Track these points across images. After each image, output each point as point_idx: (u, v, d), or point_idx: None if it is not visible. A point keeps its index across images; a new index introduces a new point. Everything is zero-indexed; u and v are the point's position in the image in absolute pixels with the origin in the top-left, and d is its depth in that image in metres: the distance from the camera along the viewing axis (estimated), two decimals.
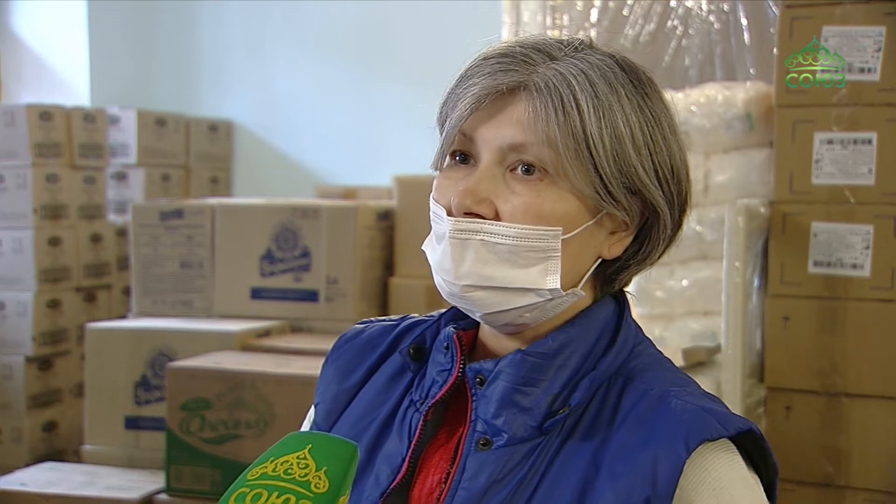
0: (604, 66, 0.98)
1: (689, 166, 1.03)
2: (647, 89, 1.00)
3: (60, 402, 4.13)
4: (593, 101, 0.95)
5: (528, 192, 0.96)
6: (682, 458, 0.93)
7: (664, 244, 1.04)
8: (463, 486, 0.97)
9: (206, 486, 2.48)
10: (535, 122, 0.95)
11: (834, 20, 2.40)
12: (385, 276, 3.23)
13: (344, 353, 1.15)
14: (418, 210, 3.25)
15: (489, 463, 0.97)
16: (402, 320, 1.15)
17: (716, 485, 0.94)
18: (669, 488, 0.92)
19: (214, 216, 3.11)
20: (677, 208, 1.02)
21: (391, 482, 1.01)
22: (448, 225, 0.97)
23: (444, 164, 1.02)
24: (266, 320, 3.00)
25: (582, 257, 1.00)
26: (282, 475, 0.84)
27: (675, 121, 1.02)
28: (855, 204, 2.40)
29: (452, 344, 1.02)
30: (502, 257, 0.96)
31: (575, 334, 1.00)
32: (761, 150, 2.70)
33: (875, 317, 2.39)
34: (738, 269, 2.39)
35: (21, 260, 4.01)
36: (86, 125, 4.33)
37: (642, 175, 0.97)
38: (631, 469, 0.93)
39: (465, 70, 1.01)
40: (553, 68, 0.97)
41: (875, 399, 2.40)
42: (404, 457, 1.02)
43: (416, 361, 1.08)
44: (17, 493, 2.67)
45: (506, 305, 0.97)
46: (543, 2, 3.25)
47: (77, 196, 4.23)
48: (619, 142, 0.96)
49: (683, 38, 3.12)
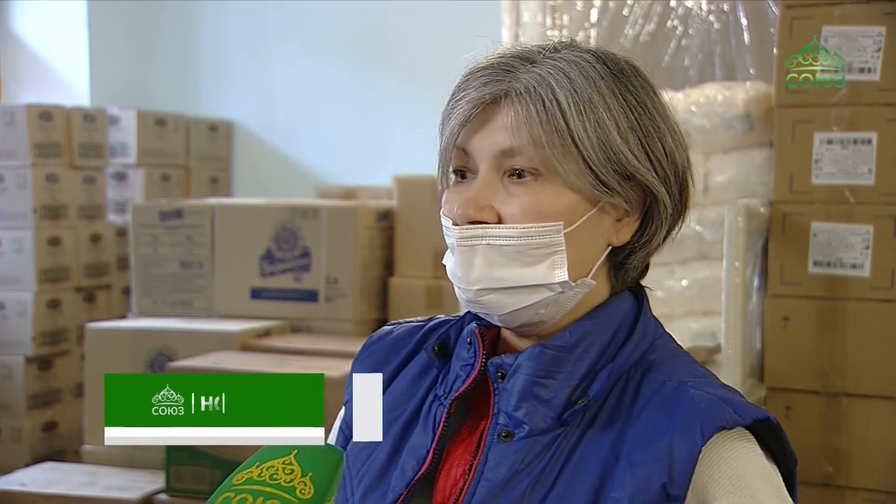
0: (581, 61, 1.01)
1: (686, 147, 1.05)
2: (630, 78, 1.02)
3: (60, 402, 4.13)
4: (573, 97, 0.98)
5: (525, 192, 0.99)
6: (699, 446, 0.94)
7: (667, 225, 1.06)
8: (485, 477, 0.99)
9: (206, 486, 2.48)
10: (519, 125, 0.99)
11: (834, 20, 2.40)
12: (385, 276, 3.23)
13: (373, 352, 1.17)
14: (418, 210, 3.26)
15: (510, 454, 0.99)
16: (429, 321, 1.18)
17: (732, 472, 0.95)
18: (686, 475, 0.94)
19: (214, 216, 3.11)
20: (676, 188, 1.04)
21: (416, 473, 1.03)
22: (455, 234, 1.01)
23: (448, 182, 1.06)
24: (266, 320, 3.00)
25: (590, 247, 1.02)
26: (267, 480, 0.84)
27: (665, 104, 1.04)
28: (855, 204, 2.40)
29: (475, 339, 1.05)
30: (510, 258, 0.99)
31: (592, 327, 1.03)
32: (761, 150, 2.70)
33: (875, 317, 2.39)
34: (738, 269, 2.39)
35: (21, 260, 4.01)
36: (86, 125, 4.33)
37: (632, 160, 1.00)
38: (649, 456, 0.95)
39: (454, 87, 1.05)
40: (533, 72, 1.00)
41: (875, 399, 2.40)
42: (429, 449, 1.04)
43: (441, 358, 1.11)
44: (17, 493, 2.67)
45: (520, 304, 1.00)
46: (543, 2, 3.25)
47: (77, 196, 4.23)
48: (603, 132, 0.99)
49: (683, 38, 3.12)
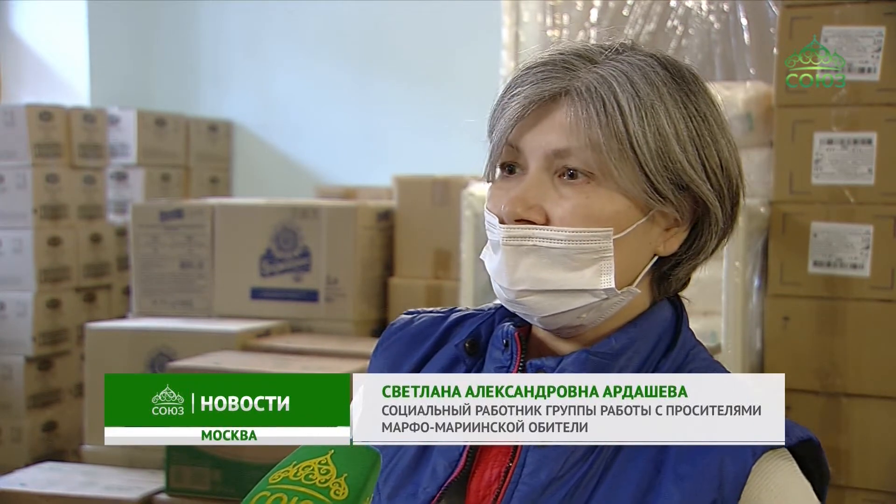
0: (645, 66, 0.99)
1: (740, 160, 1.04)
2: (692, 86, 1.01)
3: (60, 402, 4.13)
4: (635, 101, 0.96)
5: (576, 195, 0.97)
6: (749, 465, 0.94)
7: (717, 238, 1.04)
8: (524, 482, 0.97)
9: (206, 486, 2.48)
10: (577, 126, 0.96)
11: (834, 20, 2.40)
12: (385, 276, 3.23)
13: (394, 343, 1.14)
14: (418, 210, 3.26)
15: (550, 459, 0.97)
16: (451, 312, 1.15)
17: (778, 491, 0.96)
18: (736, 493, 0.94)
19: (214, 216, 3.11)
20: (728, 201, 1.03)
21: (449, 475, 1.01)
22: (501, 233, 0.99)
23: (495, 176, 1.04)
24: (266, 320, 3.00)
25: (637, 255, 1.01)
26: (302, 480, 0.84)
27: (723, 116, 1.03)
28: (855, 204, 2.40)
29: (513, 341, 1.03)
30: (556, 261, 0.97)
31: (636, 335, 1.01)
32: (761, 150, 2.70)
33: (875, 317, 2.39)
34: (738, 269, 2.39)
35: (21, 260, 4.01)
36: (86, 125, 4.33)
37: (689, 171, 0.98)
38: (696, 471, 0.94)
39: (509, 81, 1.02)
40: (594, 72, 0.98)
41: (875, 399, 2.40)
42: (462, 450, 1.02)
43: (472, 356, 1.08)
44: (17, 493, 2.67)
45: (562, 308, 0.98)
46: (543, 2, 3.25)
47: (77, 196, 4.23)
48: (663, 140, 0.97)
49: (683, 38, 3.12)
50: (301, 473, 0.85)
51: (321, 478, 0.84)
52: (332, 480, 0.84)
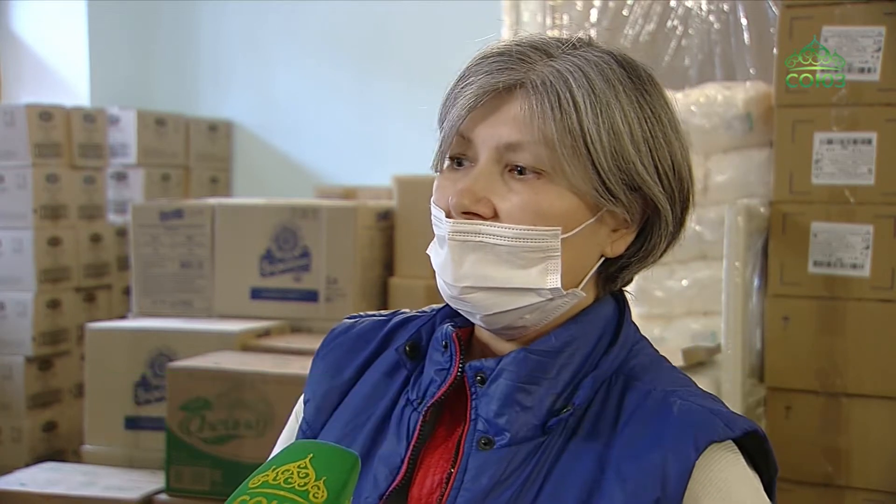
0: (602, 62, 0.97)
1: (691, 163, 1.02)
2: (647, 86, 0.99)
3: (60, 402, 4.13)
4: (590, 98, 0.94)
5: (525, 190, 0.95)
6: (692, 460, 0.93)
7: (666, 241, 1.03)
8: (465, 487, 0.96)
9: (206, 486, 2.48)
10: (531, 120, 0.94)
11: (834, 20, 2.40)
12: (385, 276, 3.23)
13: (334, 348, 1.12)
14: (418, 210, 3.25)
15: (492, 463, 0.96)
16: (393, 315, 1.13)
17: (722, 485, 0.94)
18: (679, 489, 0.92)
19: (214, 216, 3.11)
20: (679, 205, 1.01)
21: (390, 483, 1.00)
22: (447, 227, 0.97)
23: (443, 166, 1.01)
24: (266, 320, 3.00)
25: (584, 256, 0.99)
26: (282, 484, 0.84)
27: (677, 117, 1.01)
28: (855, 204, 2.40)
29: (451, 342, 1.01)
30: (502, 258, 0.95)
31: (578, 332, 1.00)
32: (761, 150, 2.70)
33: (875, 317, 2.39)
34: (738, 269, 2.39)
35: (21, 260, 4.01)
36: (85, 125, 4.33)
37: (642, 172, 0.96)
38: (639, 470, 0.93)
39: (463, 70, 1.00)
40: (550, 66, 0.96)
41: (875, 399, 2.40)
42: (403, 458, 1.00)
43: (413, 360, 1.06)
44: (17, 493, 2.67)
45: (506, 306, 0.96)
46: (543, 2, 3.25)
47: (77, 196, 4.23)
48: (617, 138, 0.95)
49: (683, 38, 3.12)
50: (280, 477, 0.85)
51: (300, 481, 0.84)
52: (311, 484, 0.84)
